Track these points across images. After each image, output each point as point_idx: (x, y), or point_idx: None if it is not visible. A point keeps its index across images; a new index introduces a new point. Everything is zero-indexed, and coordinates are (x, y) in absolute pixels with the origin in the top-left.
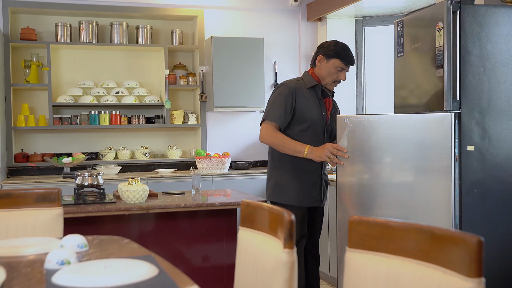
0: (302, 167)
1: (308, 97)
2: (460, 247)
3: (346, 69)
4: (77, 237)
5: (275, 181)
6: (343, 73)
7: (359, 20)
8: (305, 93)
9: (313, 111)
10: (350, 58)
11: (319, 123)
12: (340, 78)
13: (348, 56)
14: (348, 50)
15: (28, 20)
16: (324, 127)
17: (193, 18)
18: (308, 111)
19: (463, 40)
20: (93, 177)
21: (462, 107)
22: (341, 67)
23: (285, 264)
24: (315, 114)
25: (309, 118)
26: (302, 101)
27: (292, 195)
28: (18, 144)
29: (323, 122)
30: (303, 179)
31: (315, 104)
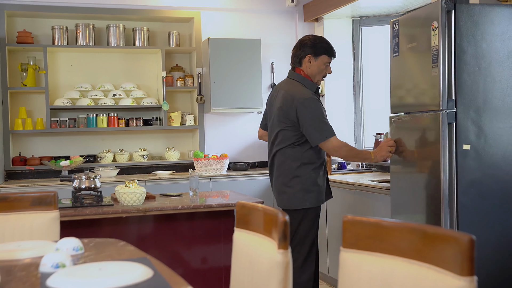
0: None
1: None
2: (452, 246)
3: (330, 63)
4: (73, 240)
5: (301, 188)
6: (329, 67)
7: (356, 20)
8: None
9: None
10: (335, 51)
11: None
12: (328, 72)
13: (332, 49)
14: (330, 44)
15: (25, 23)
16: None
17: (190, 19)
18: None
19: (458, 39)
20: (90, 180)
21: (458, 106)
22: (329, 62)
23: (279, 265)
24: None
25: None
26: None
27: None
28: (15, 148)
29: None
30: (322, 179)
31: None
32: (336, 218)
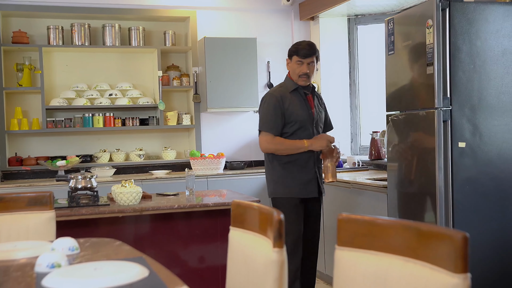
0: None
1: (293, 100)
2: (446, 243)
3: (304, 62)
4: (68, 240)
5: (271, 178)
6: (303, 66)
7: (351, 18)
8: (290, 97)
9: (299, 112)
10: (303, 50)
11: (307, 121)
12: (302, 71)
13: (300, 49)
14: (300, 44)
15: (20, 23)
16: (312, 124)
17: (185, 19)
18: (295, 113)
19: (453, 37)
20: (86, 180)
21: (453, 104)
22: (300, 61)
23: (275, 263)
24: (302, 114)
25: (297, 119)
26: (288, 105)
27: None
28: (11, 148)
29: (311, 119)
30: (301, 174)
31: (301, 104)
32: (332, 217)
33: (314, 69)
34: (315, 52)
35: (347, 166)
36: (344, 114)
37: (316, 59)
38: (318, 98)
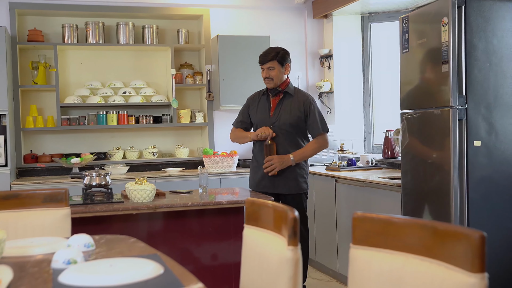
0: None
1: (260, 102)
2: (462, 243)
3: (264, 68)
4: (84, 237)
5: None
6: (264, 71)
7: (365, 16)
8: (259, 99)
9: (258, 114)
10: (260, 58)
11: (264, 123)
12: (263, 75)
13: (259, 57)
14: (263, 52)
15: (35, 22)
16: (269, 125)
17: (199, 17)
18: (254, 115)
19: (469, 35)
20: (100, 177)
21: (469, 103)
22: (261, 67)
23: (289, 261)
24: (259, 116)
25: (255, 121)
26: (253, 108)
27: (252, 182)
28: (27, 145)
29: (269, 121)
30: (257, 169)
31: (263, 107)
32: (346, 215)
33: (277, 73)
34: (270, 58)
35: (361, 165)
36: (358, 112)
37: (278, 62)
38: (299, 101)
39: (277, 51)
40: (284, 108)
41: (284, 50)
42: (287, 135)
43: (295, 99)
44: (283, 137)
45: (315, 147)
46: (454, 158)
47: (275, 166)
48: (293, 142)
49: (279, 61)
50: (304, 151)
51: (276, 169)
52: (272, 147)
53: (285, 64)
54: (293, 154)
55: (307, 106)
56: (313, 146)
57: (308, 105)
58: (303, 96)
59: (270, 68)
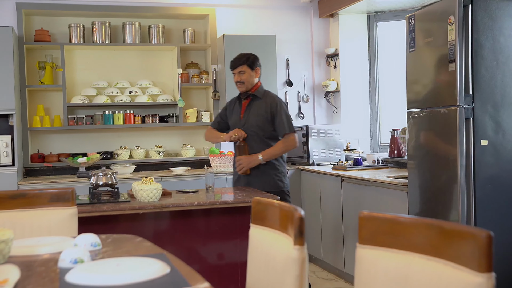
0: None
1: (235, 106)
2: (469, 242)
3: (235, 72)
4: (91, 236)
5: None
6: (235, 76)
7: (371, 15)
8: (235, 103)
9: (231, 117)
10: (231, 63)
11: (236, 125)
12: (234, 79)
13: (230, 62)
14: (233, 58)
15: (42, 22)
16: (240, 127)
17: (205, 16)
18: (230, 118)
19: (475, 33)
20: (107, 177)
21: (475, 102)
22: (232, 72)
23: (295, 261)
24: (232, 118)
25: (230, 124)
26: (229, 111)
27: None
28: (34, 145)
29: (239, 123)
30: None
31: (236, 110)
32: (352, 215)
33: (248, 77)
34: (241, 63)
35: (367, 164)
36: (364, 111)
37: (248, 66)
38: (266, 103)
39: (247, 56)
40: (253, 111)
41: (253, 55)
42: (256, 136)
43: (263, 102)
44: (252, 138)
45: (282, 146)
46: (461, 157)
47: (243, 165)
48: (262, 143)
49: (249, 65)
50: (272, 150)
51: (244, 168)
52: (244, 148)
53: (255, 68)
54: (261, 154)
55: (274, 108)
56: (280, 145)
57: (275, 106)
58: (271, 98)
59: (240, 72)
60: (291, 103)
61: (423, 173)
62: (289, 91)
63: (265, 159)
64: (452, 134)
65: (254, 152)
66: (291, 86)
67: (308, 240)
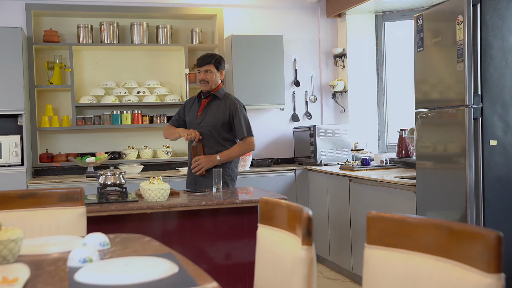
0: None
1: (194, 104)
2: (479, 243)
3: (201, 70)
4: (99, 236)
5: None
6: (200, 73)
7: (379, 15)
8: (194, 102)
9: (189, 115)
10: (198, 60)
11: (192, 123)
12: (199, 77)
13: (197, 60)
14: (201, 56)
15: (51, 22)
16: (196, 125)
17: (212, 16)
18: (187, 116)
19: (484, 33)
20: (115, 176)
21: (484, 102)
22: (198, 70)
23: (303, 261)
24: (190, 116)
25: (187, 121)
26: (187, 109)
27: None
28: (43, 145)
29: (195, 121)
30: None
31: (194, 108)
32: (360, 215)
33: (213, 76)
34: (209, 61)
35: (375, 164)
36: (372, 111)
37: (215, 66)
38: (225, 105)
39: (215, 57)
40: (211, 111)
41: (221, 57)
42: (210, 136)
43: (222, 103)
44: (206, 138)
45: (240, 149)
46: (470, 158)
47: (202, 165)
48: (215, 143)
49: (215, 65)
50: (229, 152)
51: (203, 168)
52: (199, 148)
53: (221, 70)
54: (219, 155)
55: (232, 110)
56: (237, 148)
57: (234, 109)
58: (230, 101)
59: (207, 71)
60: (299, 103)
61: (432, 173)
62: (296, 91)
63: (222, 160)
64: (460, 134)
65: (206, 151)
66: (299, 86)
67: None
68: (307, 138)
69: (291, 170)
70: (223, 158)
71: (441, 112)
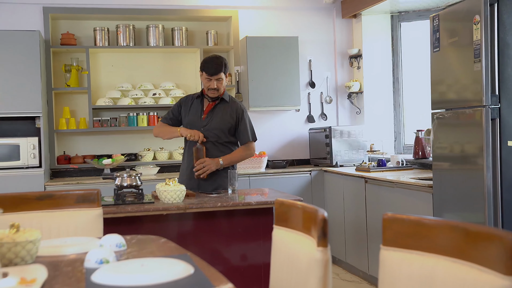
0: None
1: (193, 105)
2: (496, 244)
3: (213, 79)
4: (116, 237)
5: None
6: (212, 82)
7: (395, 15)
8: (192, 102)
9: (189, 115)
10: (209, 69)
11: (195, 125)
12: (210, 86)
13: (207, 68)
14: (209, 63)
15: (68, 26)
16: (200, 128)
17: (227, 18)
18: (186, 116)
19: (502, 32)
20: (131, 178)
21: (502, 102)
22: (209, 78)
23: (319, 262)
24: (191, 118)
25: (186, 122)
26: (185, 109)
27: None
28: (60, 147)
29: (200, 123)
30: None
31: (196, 110)
32: (376, 216)
33: (223, 83)
34: (222, 69)
35: (391, 165)
36: (388, 112)
37: (224, 73)
38: (232, 108)
39: (224, 63)
40: (217, 113)
41: (226, 60)
42: (216, 139)
43: (229, 106)
44: (212, 140)
45: (243, 154)
46: (487, 158)
47: (208, 168)
48: (219, 147)
49: (225, 72)
50: (232, 156)
51: (208, 171)
52: (203, 151)
53: (227, 74)
54: (222, 158)
55: (239, 114)
56: (241, 152)
57: (240, 113)
58: (236, 104)
59: (219, 79)
60: (314, 104)
61: (448, 174)
62: (312, 92)
63: (224, 164)
64: (478, 134)
65: (210, 155)
66: (314, 87)
67: (331, 242)
68: (322, 139)
69: (306, 172)
70: (226, 162)
71: (458, 112)
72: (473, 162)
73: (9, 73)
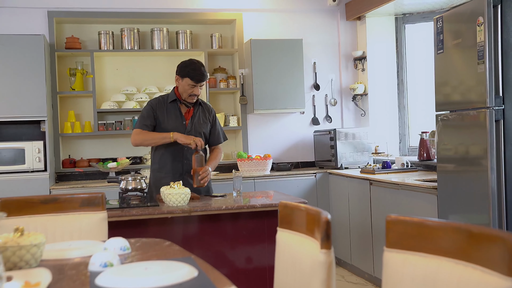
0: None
1: (168, 109)
2: (499, 246)
3: (197, 85)
4: (120, 240)
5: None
6: (196, 88)
7: (399, 17)
8: (166, 106)
9: (170, 121)
10: (198, 76)
11: (179, 131)
12: (194, 93)
13: (196, 75)
14: (198, 70)
15: (73, 29)
16: (184, 133)
17: (232, 21)
18: (165, 122)
19: (505, 34)
20: (136, 181)
21: (506, 103)
22: (193, 84)
23: (322, 265)
24: (172, 124)
25: (167, 127)
26: (161, 113)
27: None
28: (65, 150)
29: (183, 129)
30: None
31: (174, 115)
32: (381, 218)
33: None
34: (207, 77)
35: (395, 167)
36: (392, 114)
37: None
38: (207, 111)
39: (205, 69)
40: (198, 118)
41: None
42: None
43: (204, 109)
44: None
45: (220, 156)
46: (492, 160)
47: (209, 176)
48: (202, 151)
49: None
50: (215, 161)
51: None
52: (202, 158)
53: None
54: (208, 165)
55: (213, 116)
56: (219, 155)
57: (213, 114)
58: (208, 106)
59: (201, 86)
60: (319, 106)
61: (453, 176)
62: (316, 94)
63: (212, 170)
64: (482, 136)
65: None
66: (319, 89)
67: (336, 244)
68: (327, 141)
69: (311, 174)
70: (212, 167)
71: (462, 114)
72: (478, 164)
73: (14, 77)
